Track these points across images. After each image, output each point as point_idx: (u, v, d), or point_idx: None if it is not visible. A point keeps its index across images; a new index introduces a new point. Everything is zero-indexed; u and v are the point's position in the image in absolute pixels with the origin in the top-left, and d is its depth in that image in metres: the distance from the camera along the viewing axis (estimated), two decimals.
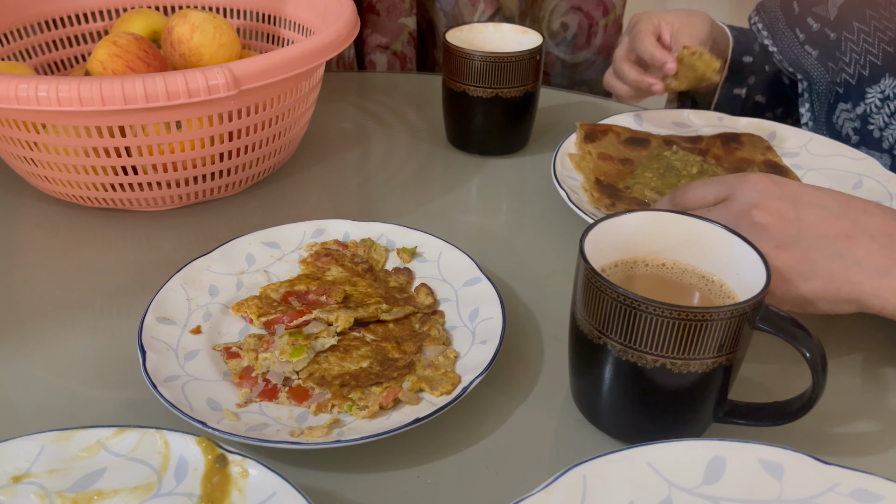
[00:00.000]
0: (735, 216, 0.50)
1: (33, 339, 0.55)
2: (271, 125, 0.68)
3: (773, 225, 0.49)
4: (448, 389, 0.47)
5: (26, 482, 0.38)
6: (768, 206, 0.49)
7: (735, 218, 0.50)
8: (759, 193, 0.50)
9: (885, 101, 0.75)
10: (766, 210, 0.49)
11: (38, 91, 0.56)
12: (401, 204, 0.73)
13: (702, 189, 0.53)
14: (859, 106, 0.77)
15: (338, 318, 0.52)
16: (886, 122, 0.75)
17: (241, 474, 0.38)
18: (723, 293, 0.46)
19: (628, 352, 0.42)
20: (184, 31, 0.70)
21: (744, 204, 0.50)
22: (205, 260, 0.57)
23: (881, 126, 0.76)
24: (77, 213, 0.70)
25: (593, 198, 0.67)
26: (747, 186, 0.51)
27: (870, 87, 0.77)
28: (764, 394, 0.49)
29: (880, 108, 0.75)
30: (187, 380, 0.48)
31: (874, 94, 0.76)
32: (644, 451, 0.40)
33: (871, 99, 0.76)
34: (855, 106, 0.78)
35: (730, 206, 0.51)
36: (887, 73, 0.75)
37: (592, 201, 0.67)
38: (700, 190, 0.53)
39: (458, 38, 0.79)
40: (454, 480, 0.45)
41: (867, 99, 0.77)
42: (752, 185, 0.50)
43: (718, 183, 0.53)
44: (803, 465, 0.39)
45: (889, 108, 0.75)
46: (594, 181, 0.69)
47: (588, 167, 0.72)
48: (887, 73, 0.75)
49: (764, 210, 0.49)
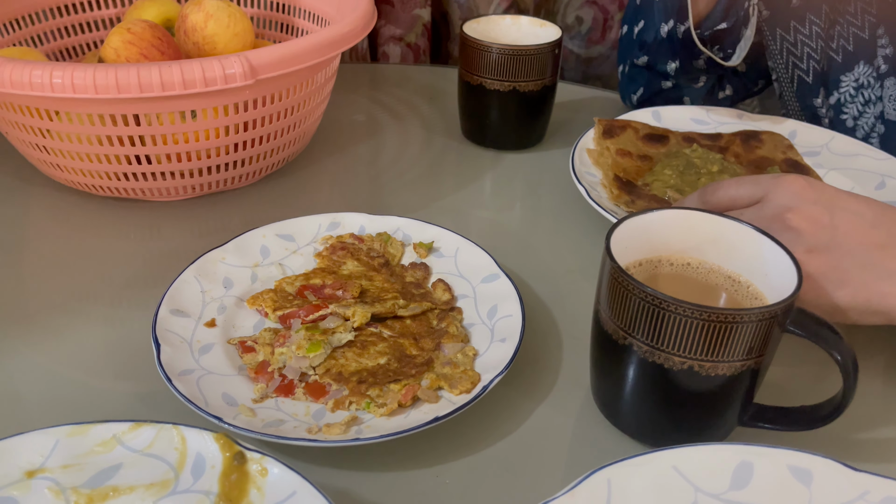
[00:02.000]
0: (768, 219, 0.49)
1: (44, 330, 0.54)
2: (286, 116, 0.67)
3: (807, 230, 0.48)
4: (468, 388, 0.46)
5: (40, 477, 0.37)
6: (803, 210, 0.48)
7: (768, 221, 0.49)
8: (794, 196, 0.49)
9: (859, 89, 0.73)
10: (800, 214, 0.48)
11: (53, 77, 0.55)
12: (414, 198, 0.72)
13: (734, 189, 0.52)
14: (832, 95, 0.75)
15: (354, 313, 0.51)
16: (860, 110, 0.73)
17: (259, 472, 0.37)
18: (750, 294, 0.45)
19: (655, 353, 0.41)
20: (198, 19, 0.69)
21: (777, 207, 0.49)
22: (219, 252, 0.57)
23: (855, 115, 0.74)
24: (89, 202, 0.69)
25: (613, 194, 0.66)
26: (782, 189, 0.49)
27: (844, 76, 0.74)
28: (788, 396, 0.48)
29: (854, 97, 0.73)
30: (202, 374, 0.47)
31: (848, 82, 0.74)
32: (670, 454, 0.39)
33: (845, 88, 0.74)
34: (828, 94, 0.76)
35: (762, 208, 0.50)
36: (861, 61, 0.72)
37: (612, 198, 0.66)
38: (732, 190, 0.52)
39: (475, 30, 0.78)
40: (472, 481, 0.44)
41: (841, 87, 0.74)
42: (787, 186, 0.49)
43: (752, 183, 0.51)
44: (833, 472, 0.39)
45: (863, 97, 0.72)
46: (613, 177, 0.68)
47: (606, 163, 0.71)
48: (861, 60, 0.72)
49: (798, 214, 0.48)
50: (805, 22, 0.76)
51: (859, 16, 0.71)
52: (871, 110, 0.72)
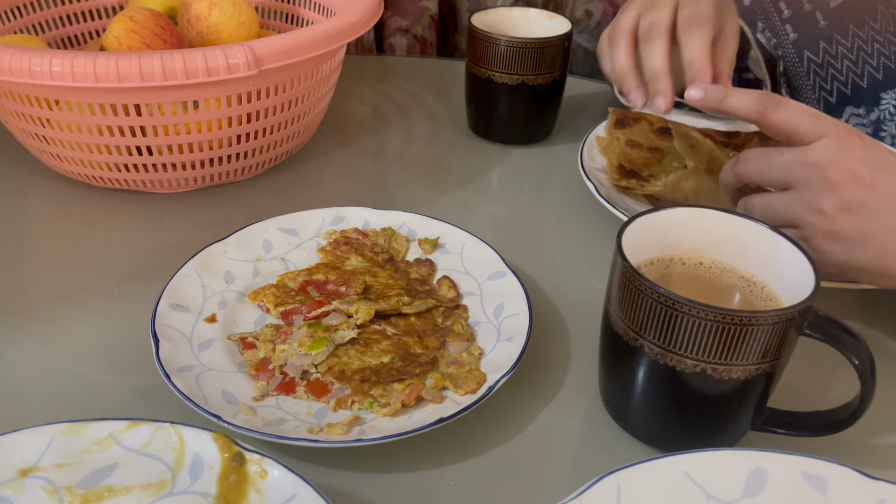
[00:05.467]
0: (807, 167, 0.48)
1: (43, 322, 0.53)
2: (291, 107, 0.66)
3: (844, 184, 0.47)
4: (473, 388, 0.45)
5: (34, 476, 0.36)
6: (846, 165, 0.47)
7: (807, 170, 0.48)
8: (842, 150, 0.48)
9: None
10: (841, 168, 0.47)
11: (53, 65, 0.54)
12: (420, 192, 0.71)
13: (798, 116, 0.50)
14: (873, 112, 0.74)
15: (358, 309, 0.50)
16: None
17: (259, 474, 0.36)
18: (765, 295, 0.44)
19: (667, 355, 0.40)
20: (202, 7, 0.68)
21: (823, 156, 0.48)
22: (220, 245, 0.55)
23: (893, 133, 0.73)
24: (89, 193, 0.68)
25: (613, 178, 0.65)
26: (834, 138, 0.48)
27: (884, 93, 0.74)
28: (802, 398, 0.46)
29: (894, 115, 0.73)
30: (202, 370, 0.46)
31: (889, 99, 0.73)
32: (681, 459, 0.38)
33: (885, 105, 0.73)
34: (869, 112, 0.75)
35: (808, 152, 0.48)
36: None
37: (612, 181, 0.65)
38: (797, 116, 0.50)
39: (483, 22, 0.77)
40: (478, 483, 0.43)
41: (882, 105, 0.74)
42: (840, 138, 0.48)
43: (816, 119, 0.49)
44: (849, 479, 0.37)
45: None
46: (617, 166, 0.67)
47: (614, 152, 0.69)
48: None
49: (840, 168, 0.47)
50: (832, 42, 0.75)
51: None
52: None
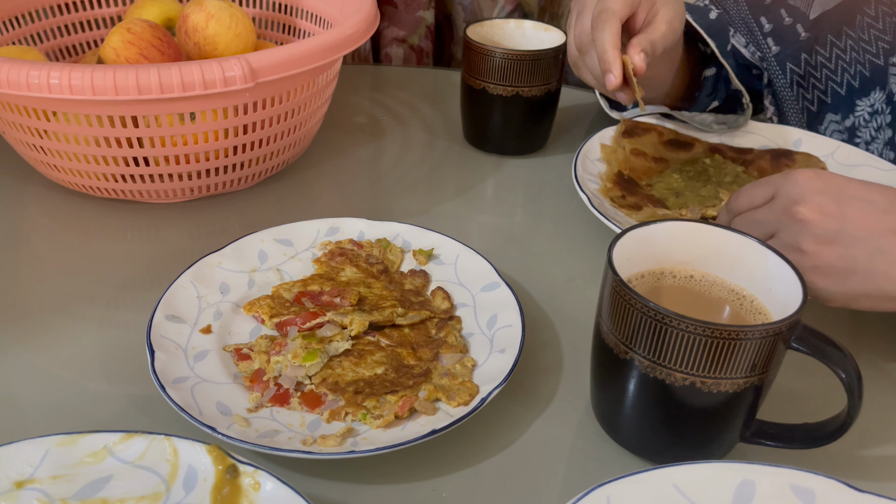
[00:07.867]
0: (778, 213, 0.50)
1: (39, 332, 0.53)
2: (287, 119, 0.66)
3: (815, 220, 0.48)
4: (466, 400, 0.45)
5: (29, 488, 0.37)
6: (810, 201, 0.48)
7: (778, 215, 0.50)
8: (802, 188, 0.49)
9: (873, 114, 0.73)
10: (808, 205, 0.48)
11: (50, 78, 0.54)
12: (415, 202, 0.72)
13: (749, 191, 0.53)
14: (848, 118, 0.75)
15: (352, 321, 0.50)
16: (873, 135, 0.73)
17: (252, 486, 0.37)
18: (754, 309, 0.44)
19: (656, 368, 0.40)
20: (199, 19, 0.69)
21: (786, 201, 0.49)
22: (216, 256, 0.56)
23: (867, 140, 0.74)
24: (86, 204, 0.68)
25: (605, 188, 0.66)
26: (790, 183, 0.50)
27: (860, 100, 0.75)
28: (790, 410, 0.47)
29: (868, 122, 0.74)
30: (196, 381, 0.46)
31: (864, 106, 0.74)
32: (670, 472, 0.38)
33: (860, 112, 0.74)
34: (844, 118, 0.76)
35: (773, 204, 0.50)
36: (877, 87, 0.73)
37: (603, 190, 0.66)
38: (748, 192, 0.53)
39: (478, 33, 0.77)
40: (469, 495, 0.43)
41: (857, 111, 0.75)
42: (794, 180, 0.50)
43: (765, 183, 0.52)
44: (836, 493, 0.38)
45: (876, 122, 0.73)
46: (616, 173, 0.68)
47: (616, 160, 0.70)
48: (877, 85, 0.73)
49: (806, 205, 0.48)
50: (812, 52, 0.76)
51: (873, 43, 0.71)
52: (882, 136, 0.72)
